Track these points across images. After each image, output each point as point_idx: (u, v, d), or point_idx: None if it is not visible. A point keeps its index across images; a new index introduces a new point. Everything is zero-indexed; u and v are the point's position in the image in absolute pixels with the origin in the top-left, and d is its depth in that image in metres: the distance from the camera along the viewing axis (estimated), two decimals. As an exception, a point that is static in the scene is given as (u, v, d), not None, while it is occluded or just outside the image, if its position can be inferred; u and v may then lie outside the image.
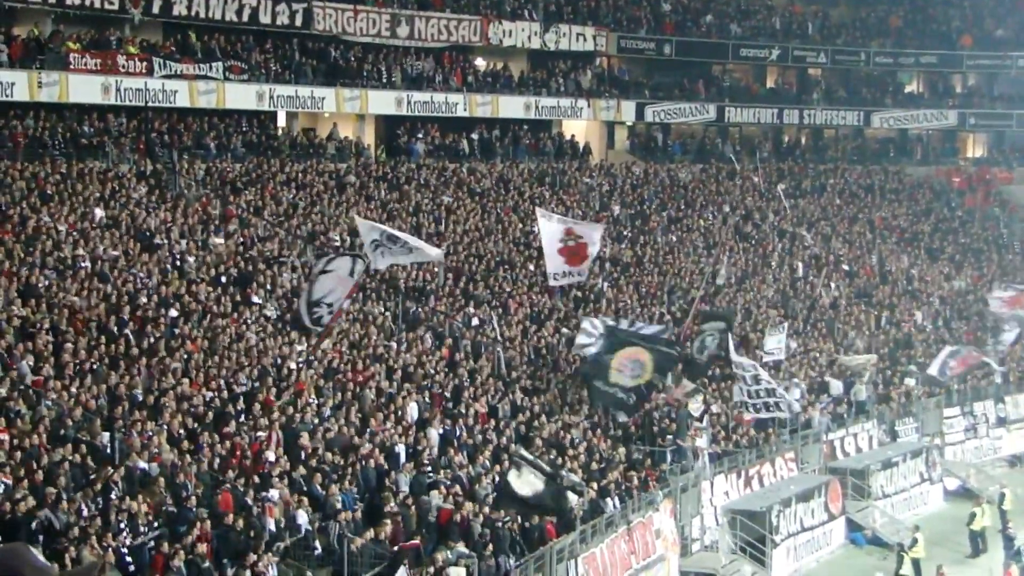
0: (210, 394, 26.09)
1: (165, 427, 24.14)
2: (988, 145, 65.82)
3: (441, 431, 28.52)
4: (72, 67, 37.54)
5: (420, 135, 47.15)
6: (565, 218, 37.96)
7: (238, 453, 24.58)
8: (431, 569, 23.55)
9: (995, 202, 60.61)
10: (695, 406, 33.45)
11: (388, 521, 24.26)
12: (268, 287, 32.13)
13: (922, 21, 64.62)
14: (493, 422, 30.08)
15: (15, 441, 21.95)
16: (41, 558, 8.11)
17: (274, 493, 23.74)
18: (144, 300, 28.64)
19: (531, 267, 39.30)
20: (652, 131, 57.56)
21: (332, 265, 28.22)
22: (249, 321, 30.03)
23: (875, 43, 62.73)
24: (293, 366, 28.62)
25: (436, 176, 44.35)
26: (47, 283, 27.94)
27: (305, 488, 24.59)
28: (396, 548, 23.72)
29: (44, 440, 22.24)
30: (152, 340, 27.02)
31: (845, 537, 35.12)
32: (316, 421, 26.88)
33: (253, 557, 21.54)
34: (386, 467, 26.38)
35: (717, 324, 35.85)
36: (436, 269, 36.80)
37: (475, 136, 48.90)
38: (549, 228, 34.89)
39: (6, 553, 6.70)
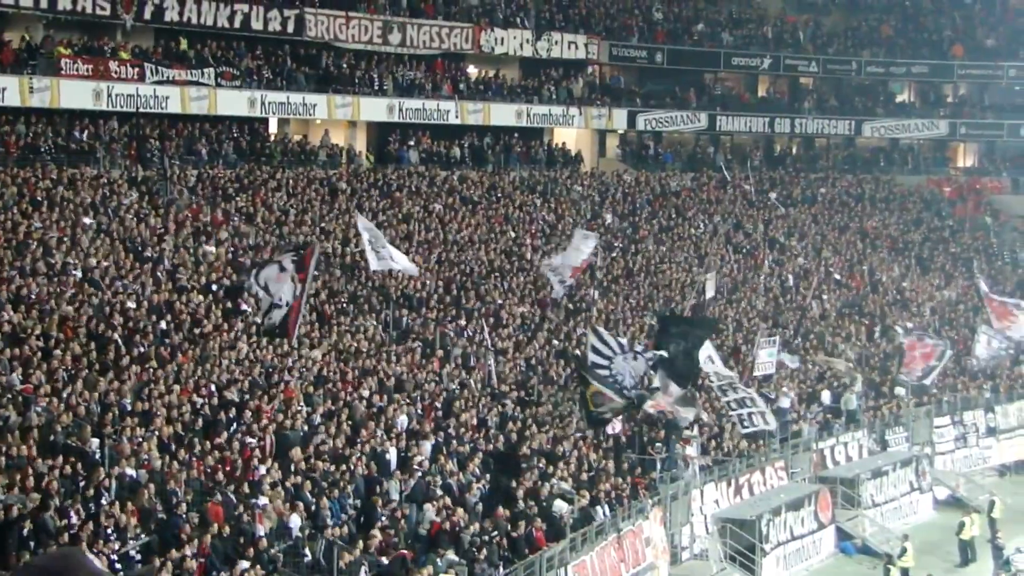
0: (200, 400, 26.03)
1: (155, 434, 24.09)
2: (979, 155, 65.91)
3: (432, 441, 28.47)
4: (64, 73, 37.46)
5: (411, 142, 47.13)
6: None
7: (229, 460, 24.51)
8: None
9: (985, 212, 60.69)
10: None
11: (377, 531, 24.20)
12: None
13: (913, 31, 64.73)
14: (484, 431, 30.03)
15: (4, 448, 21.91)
16: (98, 563, 7.89)
17: (264, 500, 23.69)
18: (134, 307, 28.57)
19: (522, 277, 39.25)
20: (643, 139, 57.60)
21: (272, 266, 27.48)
22: (239, 331, 29.94)
23: (866, 52, 62.82)
24: (285, 375, 28.56)
25: (427, 184, 44.33)
26: (38, 290, 27.86)
27: (295, 495, 24.54)
28: (386, 560, 23.66)
29: (34, 448, 22.19)
30: (143, 348, 26.96)
31: (835, 546, 35.09)
32: (306, 429, 26.82)
33: (242, 564, 21.48)
34: (377, 475, 26.33)
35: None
36: (426, 279, 36.74)
37: (466, 143, 48.89)
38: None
39: (61, 559, 6.59)
